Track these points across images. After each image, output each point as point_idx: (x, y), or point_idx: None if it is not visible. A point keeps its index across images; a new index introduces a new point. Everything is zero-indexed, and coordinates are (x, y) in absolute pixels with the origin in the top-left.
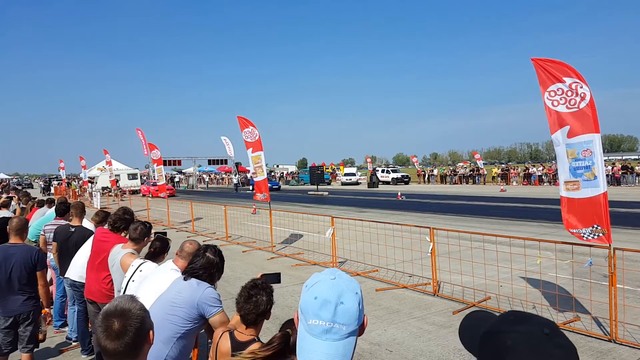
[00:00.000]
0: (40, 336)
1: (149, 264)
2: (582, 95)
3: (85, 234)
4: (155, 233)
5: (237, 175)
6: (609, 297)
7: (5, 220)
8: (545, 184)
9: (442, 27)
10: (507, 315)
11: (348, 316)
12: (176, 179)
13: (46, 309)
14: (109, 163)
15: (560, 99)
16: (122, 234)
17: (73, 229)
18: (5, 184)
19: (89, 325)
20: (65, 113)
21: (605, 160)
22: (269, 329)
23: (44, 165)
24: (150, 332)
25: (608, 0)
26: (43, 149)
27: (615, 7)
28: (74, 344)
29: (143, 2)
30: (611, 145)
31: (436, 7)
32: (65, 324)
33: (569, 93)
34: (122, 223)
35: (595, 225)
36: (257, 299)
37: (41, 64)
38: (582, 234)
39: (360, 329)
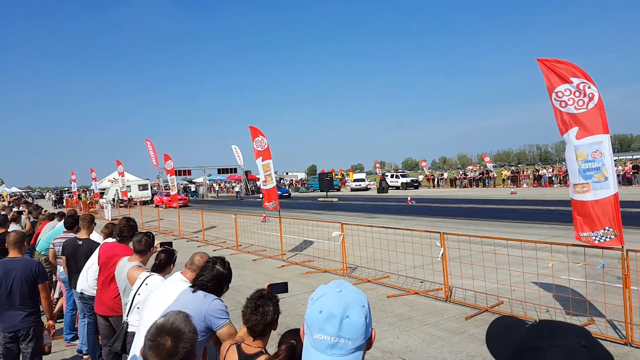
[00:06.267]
0: (45, 349)
1: (155, 277)
2: (590, 95)
3: (92, 247)
4: (161, 243)
5: (241, 184)
6: (623, 299)
7: None
8: (555, 185)
9: (447, 28)
10: (540, 328)
11: (354, 331)
12: (192, 188)
13: (50, 322)
14: (121, 174)
15: (568, 100)
16: (130, 244)
17: (80, 242)
18: (16, 197)
19: (99, 337)
20: (75, 126)
21: (615, 161)
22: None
23: (55, 178)
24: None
25: None
26: (55, 162)
27: (622, 3)
28: (84, 357)
29: (149, 11)
30: (621, 145)
31: (440, 8)
32: (75, 337)
33: (577, 94)
34: (128, 231)
35: (607, 228)
36: (263, 309)
37: (53, 77)
38: (593, 237)
39: (367, 344)
